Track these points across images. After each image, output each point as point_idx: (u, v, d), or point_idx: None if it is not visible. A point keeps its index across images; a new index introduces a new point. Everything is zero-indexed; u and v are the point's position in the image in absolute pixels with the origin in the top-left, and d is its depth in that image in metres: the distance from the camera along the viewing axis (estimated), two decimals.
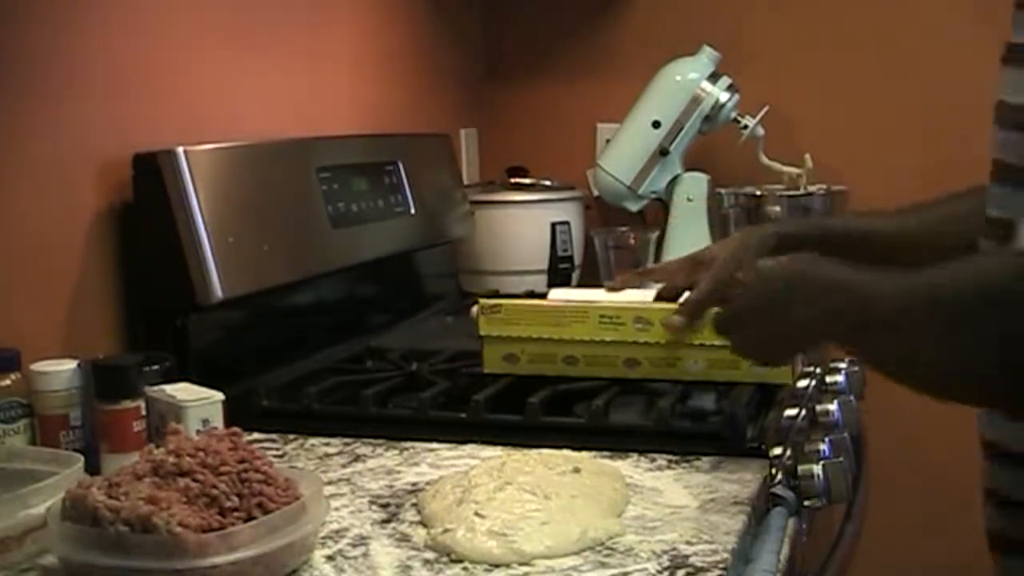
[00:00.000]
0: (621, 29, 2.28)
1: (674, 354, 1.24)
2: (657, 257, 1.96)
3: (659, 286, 1.28)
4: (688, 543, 0.90)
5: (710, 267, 1.20)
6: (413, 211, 1.77)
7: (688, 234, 2.02)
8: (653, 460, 1.11)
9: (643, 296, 1.28)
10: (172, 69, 1.44)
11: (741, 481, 1.04)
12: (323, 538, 0.93)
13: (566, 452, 1.09)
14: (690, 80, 2.02)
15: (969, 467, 1.07)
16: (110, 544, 0.80)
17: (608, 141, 2.12)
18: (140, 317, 1.35)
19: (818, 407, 1.35)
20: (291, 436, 1.23)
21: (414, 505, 1.00)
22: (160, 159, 1.30)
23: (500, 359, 1.29)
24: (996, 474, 1.03)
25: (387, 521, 0.97)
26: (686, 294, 1.23)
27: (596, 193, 2.15)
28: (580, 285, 2.04)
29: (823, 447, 1.21)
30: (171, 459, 0.85)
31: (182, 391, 1.10)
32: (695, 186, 2.06)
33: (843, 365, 1.50)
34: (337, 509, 0.99)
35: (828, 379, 1.46)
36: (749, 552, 0.96)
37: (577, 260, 2.09)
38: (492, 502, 0.93)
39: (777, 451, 1.13)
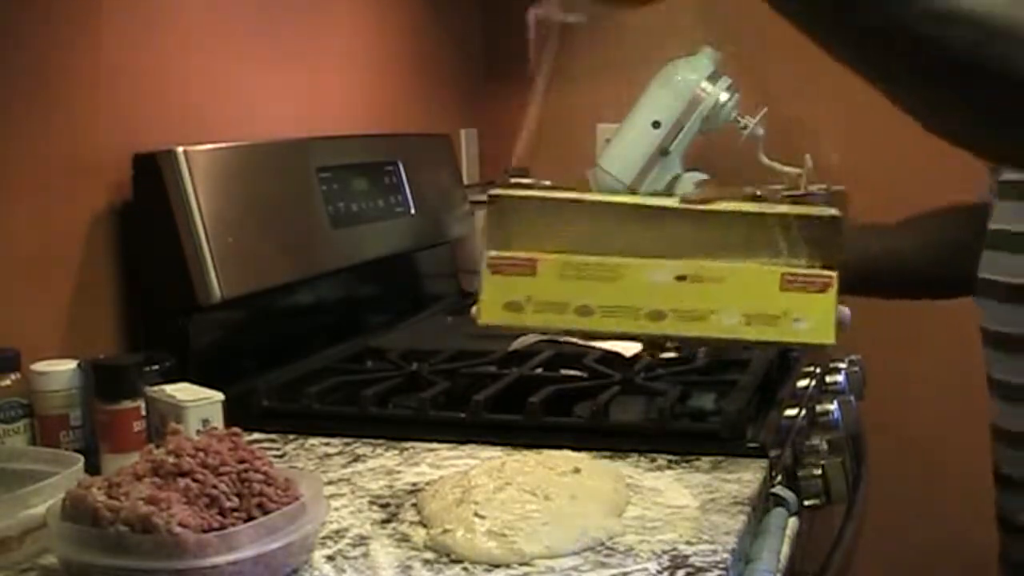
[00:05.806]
0: (621, 29, 2.28)
1: (707, 305, 1.01)
2: None
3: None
4: (688, 543, 0.90)
5: None
6: (413, 211, 1.77)
7: None
8: (653, 460, 1.11)
9: None
10: (172, 69, 1.44)
11: (741, 481, 1.04)
12: (323, 538, 0.93)
13: (566, 452, 1.08)
14: (690, 80, 2.01)
15: (969, 467, 1.07)
16: (110, 544, 0.80)
17: (608, 141, 2.11)
18: (140, 317, 1.36)
19: (818, 407, 1.35)
20: (291, 436, 1.23)
21: (414, 505, 1.00)
22: (160, 159, 1.30)
23: (501, 307, 1.05)
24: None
25: (387, 521, 0.97)
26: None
27: None
28: None
29: (823, 447, 1.21)
30: (171, 459, 0.85)
31: (182, 391, 1.10)
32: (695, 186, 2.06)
33: (843, 365, 1.50)
34: (337, 509, 0.99)
35: (828, 379, 1.47)
36: (749, 552, 0.96)
37: None
38: (492, 502, 0.93)
39: (777, 451, 1.13)
